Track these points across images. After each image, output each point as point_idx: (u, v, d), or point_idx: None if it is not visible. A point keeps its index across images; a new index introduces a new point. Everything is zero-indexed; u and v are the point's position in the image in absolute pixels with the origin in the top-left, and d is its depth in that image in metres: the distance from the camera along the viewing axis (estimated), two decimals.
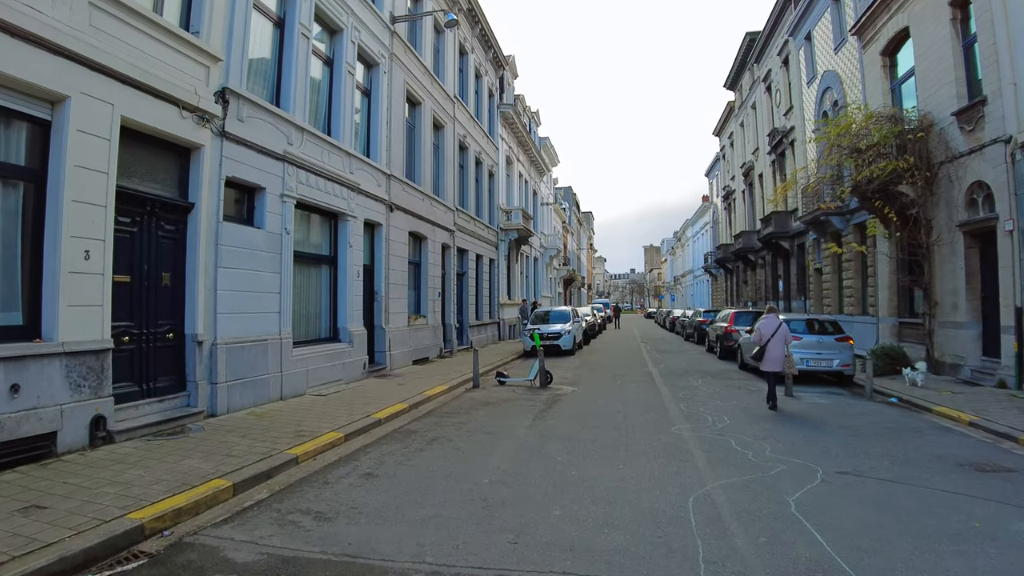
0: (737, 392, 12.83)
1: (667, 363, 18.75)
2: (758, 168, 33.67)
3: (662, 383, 14.02)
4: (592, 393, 12.45)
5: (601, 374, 15.86)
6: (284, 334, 11.10)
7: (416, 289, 18.12)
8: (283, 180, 11.25)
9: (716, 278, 49.22)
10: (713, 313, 29.21)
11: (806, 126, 25.02)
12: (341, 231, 13.54)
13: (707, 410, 10.53)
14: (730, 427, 9.16)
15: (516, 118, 30.68)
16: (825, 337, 14.40)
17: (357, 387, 12.61)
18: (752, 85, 34.58)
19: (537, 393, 12.43)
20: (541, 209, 40.82)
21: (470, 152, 23.44)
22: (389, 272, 15.53)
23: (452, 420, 9.71)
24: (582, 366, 17.94)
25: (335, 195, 13.02)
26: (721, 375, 15.74)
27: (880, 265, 18.29)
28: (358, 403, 10.77)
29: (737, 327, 19.93)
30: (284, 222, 11.24)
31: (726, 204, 44.19)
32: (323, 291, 13.22)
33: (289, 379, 11.14)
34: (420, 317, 17.73)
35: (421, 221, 17.81)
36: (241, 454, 7.24)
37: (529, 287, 36.12)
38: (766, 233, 28.34)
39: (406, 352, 16.42)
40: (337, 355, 12.85)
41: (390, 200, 15.69)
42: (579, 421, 9.53)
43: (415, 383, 13.31)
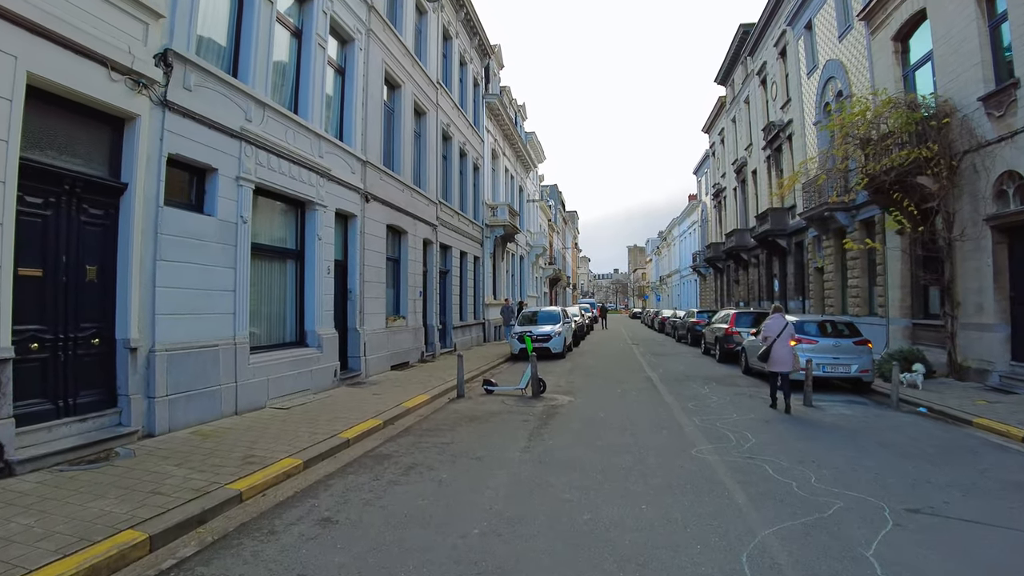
0: (750, 401, 11.58)
1: (665, 367, 17.49)
2: (751, 164, 32.59)
3: (666, 391, 12.73)
4: (591, 404, 11.11)
5: (597, 380, 14.53)
6: (240, 338, 9.64)
7: (395, 288, 16.70)
8: (240, 161, 9.79)
9: (705, 278, 48.20)
10: (707, 314, 28.07)
11: (805, 119, 23.96)
12: (309, 222, 12.09)
13: (724, 425, 9.23)
14: (758, 447, 7.87)
15: (502, 110, 29.32)
16: (842, 340, 13.20)
17: (326, 398, 11.17)
18: (745, 79, 33.50)
19: (530, 404, 11.07)
20: (527, 206, 39.49)
21: (454, 142, 22.04)
22: (364, 269, 14.09)
23: (433, 440, 8.30)
24: (575, 371, 16.61)
25: (302, 181, 11.58)
26: (726, 381, 14.50)
27: (891, 262, 17.17)
28: (325, 418, 9.34)
29: (738, 329, 18.74)
30: (240, 209, 9.78)
31: (716, 202, 43.16)
32: (288, 289, 11.76)
33: (246, 390, 9.68)
34: (399, 318, 16.30)
35: (400, 213, 16.39)
36: (171, 490, 5.81)
37: (515, 286, 34.76)
38: (762, 231, 27.23)
39: (383, 357, 14.99)
40: (304, 361, 11.40)
41: (365, 189, 14.25)
42: (582, 441, 8.17)
43: (392, 393, 11.90)
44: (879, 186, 14.79)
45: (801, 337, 13.19)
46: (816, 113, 22.54)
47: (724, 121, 39.50)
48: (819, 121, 22.28)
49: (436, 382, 13.43)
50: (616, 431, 8.75)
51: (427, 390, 12.21)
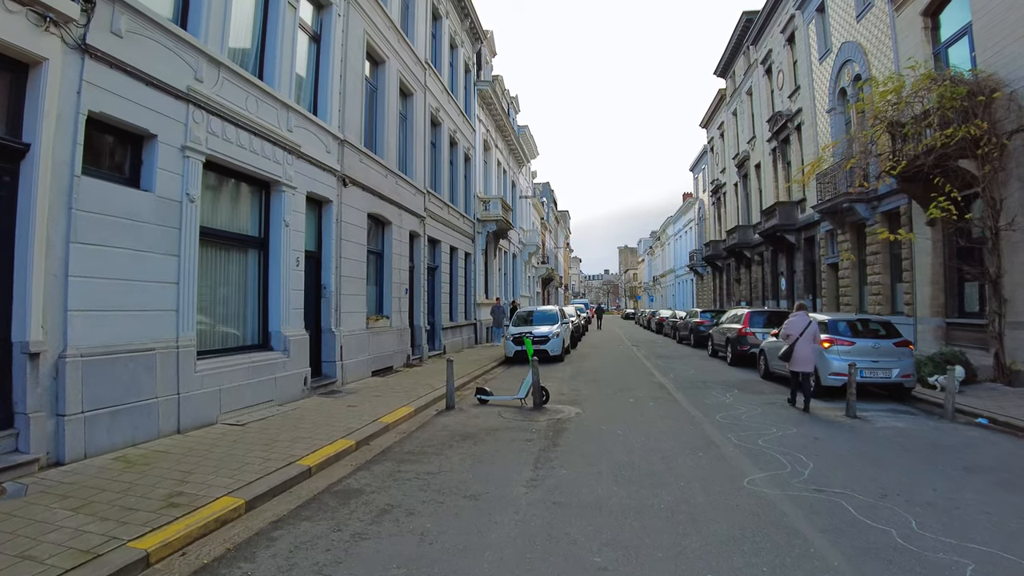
0: (785, 412, 10.04)
1: (675, 371, 15.93)
2: (755, 158, 31.19)
3: (685, 400, 11.17)
4: (604, 417, 9.50)
5: (605, 387, 12.94)
6: (184, 341, 7.99)
7: (378, 284, 15.05)
8: (186, 128, 8.15)
9: (703, 277, 46.79)
10: (711, 313, 26.61)
11: (816, 107, 22.54)
12: (275, 205, 10.45)
13: (768, 443, 7.68)
14: (820, 474, 6.32)
15: (495, 99, 27.74)
16: (881, 342, 11.69)
17: (292, 411, 9.52)
18: (748, 69, 32.09)
19: (531, 418, 9.46)
20: (520, 202, 37.90)
21: (443, 129, 20.41)
22: (341, 262, 12.46)
23: (416, 468, 6.67)
24: (577, 376, 15.02)
25: (265, 156, 9.93)
26: (747, 387, 12.97)
27: (920, 256, 15.72)
28: (285, 438, 7.71)
29: (753, 329, 17.24)
30: (186, 185, 8.13)
31: (715, 199, 41.76)
32: (249, 283, 10.11)
33: (191, 404, 8.03)
34: (382, 318, 14.65)
35: (384, 201, 14.75)
36: (48, 552, 4.20)
37: (507, 285, 33.15)
38: (769, 226, 25.78)
39: (363, 361, 13.34)
40: (266, 367, 9.74)
41: (343, 171, 12.62)
42: (603, 468, 6.57)
43: (371, 404, 10.27)
44: (916, 171, 13.31)
45: (835, 338, 11.74)
46: (830, 100, 21.12)
47: (724, 115, 38.10)
48: (833, 108, 20.91)
49: (423, 390, 11.81)
50: (642, 454, 7.15)
51: (411, 400, 10.59)
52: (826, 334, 11.95)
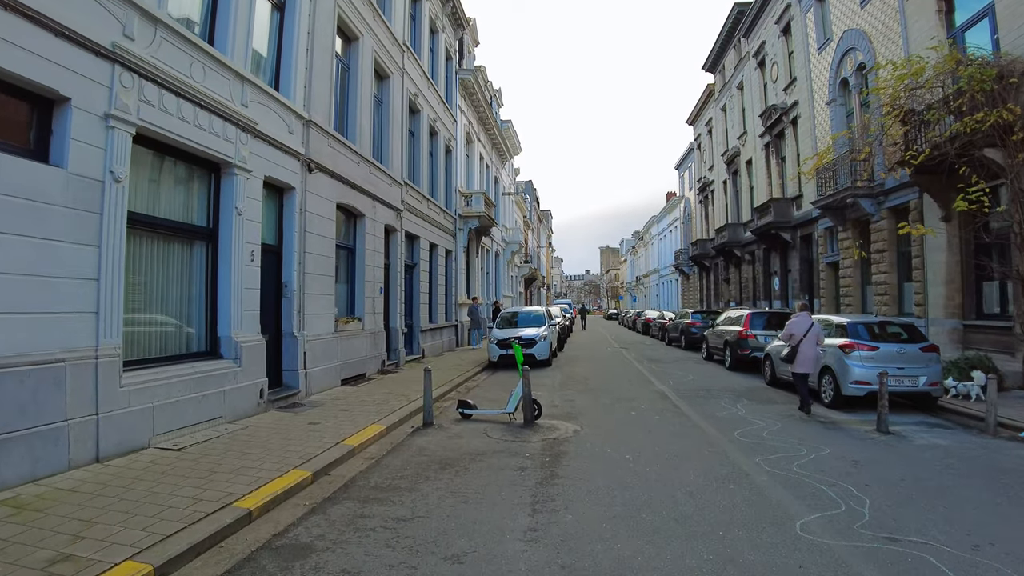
0: (806, 426, 8.89)
1: (672, 377, 14.73)
2: (745, 154, 30.21)
3: (693, 412, 9.95)
4: (606, 436, 8.21)
5: (600, 397, 11.69)
6: (106, 349, 6.59)
7: (349, 283, 13.67)
8: (112, 93, 6.75)
9: (688, 277, 45.82)
10: (702, 314, 25.53)
11: (814, 99, 21.53)
12: (226, 191, 9.05)
13: (805, 470, 6.48)
14: (884, 513, 5.16)
15: (478, 90, 26.42)
16: (907, 347, 10.58)
17: (243, 431, 8.14)
18: (739, 63, 31.10)
19: (522, 437, 8.15)
20: (503, 199, 36.60)
21: (423, 117, 19.06)
22: (306, 257, 11.08)
23: (384, 512, 5.32)
24: (568, 383, 13.75)
25: (214, 133, 8.55)
26: (755, 395, 11.82)
27: (933, 254, 14.71)
28: (227, 467, 6.35)
29: (754, 332, 16.12)
30: (110, 161, 6.73)
31: (702, 197, 40.80)
32: (194, 281, 8.71)
33: (115, 425, 6.63)
34: (353, 320, 13.27)
35: (356, 191, 13.37)
36: None
37: (490, 285, 31.83)
38: (762, 223, 24.74)
39: (331, 369, 11.96)
40: (213, 379, 8.35)
41: (308, 156, 11.25)
42: (617, 510, 5.29)
43: (336, 420, 8.91)
44: (939, 161, 12.23)
45: (856, 343, 10.61)
46: (830, 91, 20.10)
47: (712, 110, 37.11)
48: (834, 100, 19.88)
49: (397, 402, 10.47)
50: (661, 488, 5.89)
51: (384, 416, 9.25)
52: (844, 338, 10.84)
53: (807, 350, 10.41)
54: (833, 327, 11.44)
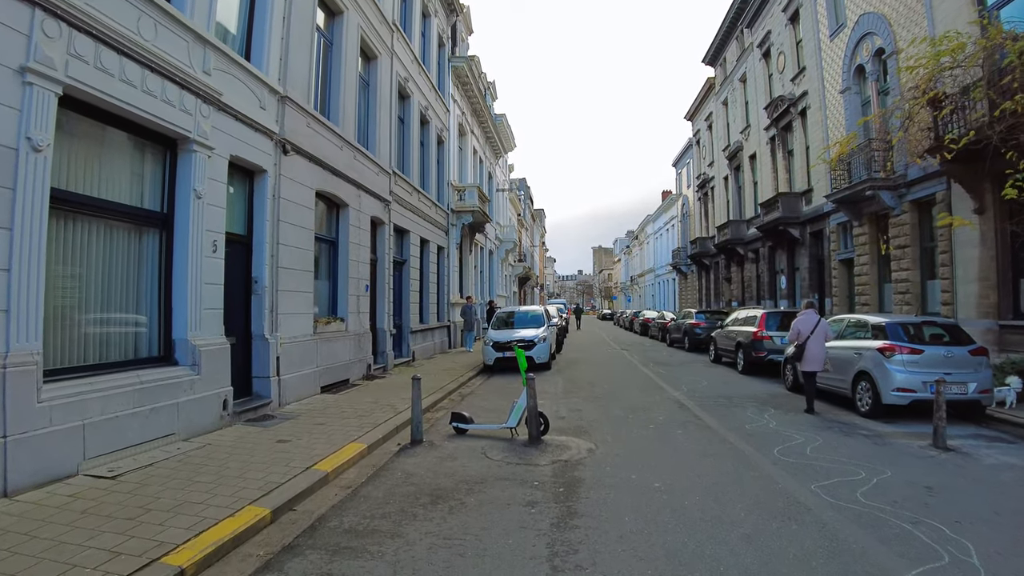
0: (857, 443, 7.71)
1: (685, 382, 13.55)
2: (749, 148, 29.12)
3: (719, 425, 8.76)
4: (627, 457, 6.95)
5: (610, 406, 10.49)
6: (18, 356, 5.34)
7: (331, 279, 12.43)
8: (30, 42, 5.52)
9: (686, 276, 44.71)
10: (708, 315, 24.46)
11: (826, 88, 20.44)
12: (183, 170, 7.81)
13: (875, 500, 5.33)
14: (1002, 568, 3.98)
15: (471, 79, 25.20)
16: (954, 350, 9.45)
17: (197, 451, 6.90)
18: (742, 54, 30.01)
19: (528, 458, 6.92)
20: (497, 196, 35.39)
21: (413, 103, 17.82)
22: (279, 249, 9.85)
23: (357, 571, 4.10)
24: (573, 390, 12.55)
25: (168, 102, 7.31)
26: (782, 404, 10.67)
27: (964, 249, 13.62)
28: (166, 503, 5.11)
29: (770, 333, 14.99)
30: (26, 125, 5.49)
31: (701, 194, 39.70)
32: (143, 274, 7.46)
33: (29, 450, 5.38)
34: (335, 320, 12.03)
35: (338, 179, 12.14)
36: None
37: (483, 283, 30.59)
38: (770, 219, 23.63)
39: (309, 375, 10.72)
40: (164, 390, 7.10)
41: (283, 135, 10.02)
42: (659, 567, 4.07)
43: (310, 437, 7.68)
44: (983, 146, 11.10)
45: (899, 345, 9.48)
46: (844, 79, 19.00)
47: (712, 105, 36.02)
48: (848, 88, 18.79)
49: (383, 413, 9.24)
50: (707, 529, 4.68)
51: (366, 430, 8.03)
52: (882, 340, 9.70)
53: (814, 348, 10.20)
54: (868, 328, 10.31)
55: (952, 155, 11.84)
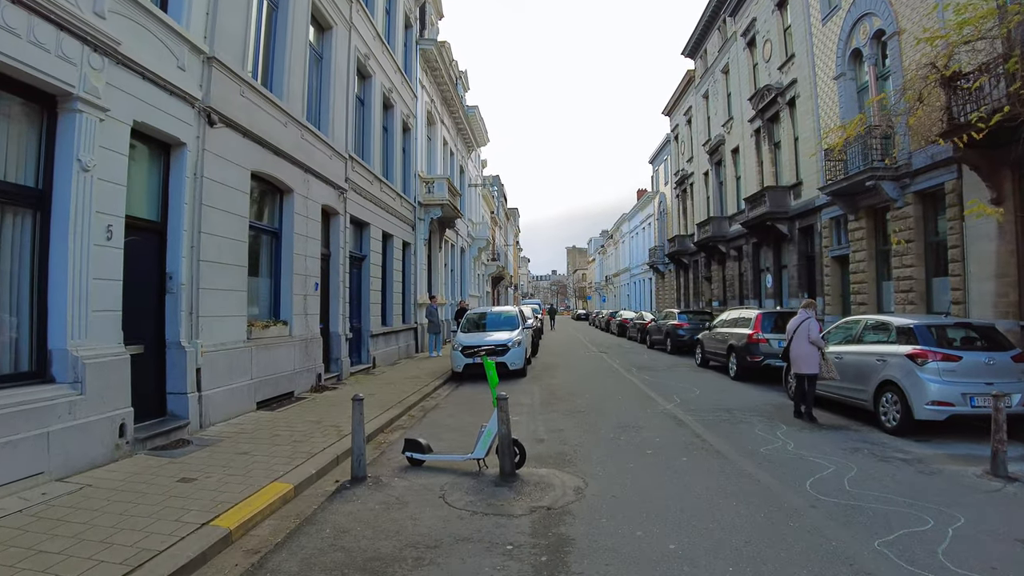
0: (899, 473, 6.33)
1: (675, 391, 12.14)
2: (731, 142, 27.97)
3: (730, 448, 7.31)
4: (627, 500, 5.41)
5: (597, 423, 8.99)
6: None
7: (273, 276, 10.78)
8: None
9: (663, 275, 43.56)
10: (691, 315, 23.22)
11: (817, 76, 19.27)
12: (63, 135, 6.14)
13: (965, 563, 3.91)
14: None
15: (441, 66, 23.60)
16: (996, 356, 8.17)
17: (69, 496, 5.25)
18: (724, 44, 28.85)
19: (500, 505, 5.35)
20: (468, 191, 33.79)
21: (375, 84, 16.19)
22: (202, 239, 8.20)
23: None
24: (552, 402, 11.06)
25: (40, 45, 5.64)
26: (789, 418, 9.31)
27: (978, 244, 12.47)
28: None
29: (767, 335, 13.69)
30: None
31: (679, 191, 38.54)
32: (9, 267, 5.81)
33: None
34: (276, 324, 10.38)
35: (282, 160, 10.51)
36: None
37: (455, 283, 28.95)
38: (756, 215, 22.41)
39: (242, 389, 9.07)
40: (24, 416, 5.41)
41: (208, 103, 8.37)
42: None
43: (225, 472, 6.07)
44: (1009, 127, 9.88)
45: (931, 351, 8.16)
46: (838, 65, 17.82)
47: (692, 98, 34.86)
48: (843, 74, 17.61)
49: (324, 437, 7.66)
50: None
51: (297, 463, 6.43)
52: (912, 345, 8.39)
53: (796, 348, 9.54)
54: (892, 331, 8.98)
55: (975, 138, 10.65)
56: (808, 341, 9.43)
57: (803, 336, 9.47)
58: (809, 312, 9.72)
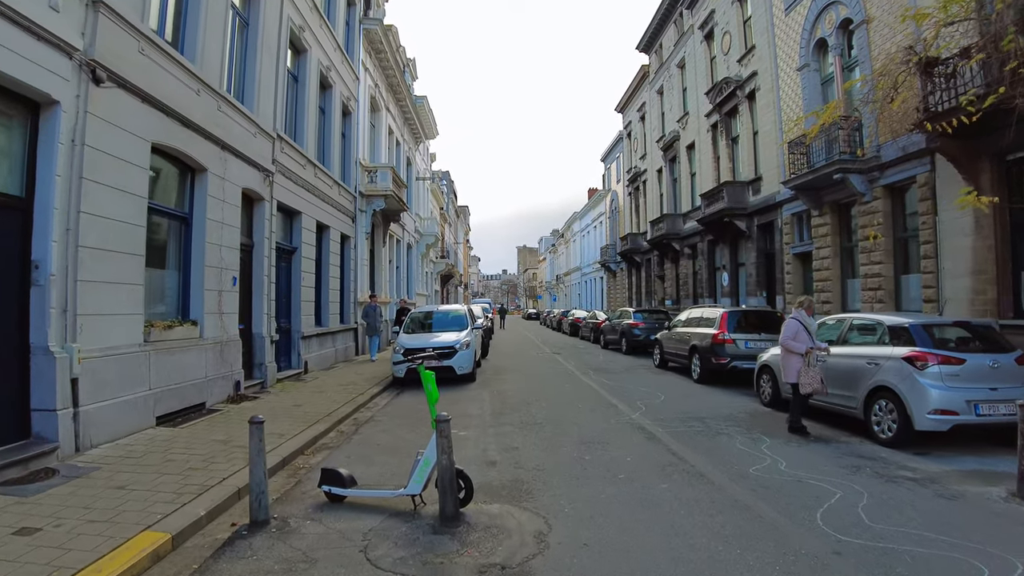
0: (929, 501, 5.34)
1: (637, 396, 11.12)
2: (687, 137, 27.33)
3: (713, 468, 6.24)
4: (604, 553, 4.18)
5: (557, 438, 7.80)
6: None
7: (181, 269, 9.24)
8: None
9: (615, 274, 42.91)
10: (647, 314, 22.39)
11: (779, 68, 18.65)
12: None
13: None
14: None
15: (387, 49, 22.15)
16: (1000, 358, 7.35)
17: None
18: (680, 38, 28.20)
19: (439, 565, 4.05)
20: (416, 185, 32.30)
21: (310, 60, 14.69)
22: (82, 221, 6.66)
23: None
24: (504, 411, 9.84)
25: None
26: (768, 426, 8.39)
27: (953, 239, 11.89)
28: None
29: (732, 335, 12.80)
30: None
31: (631, 189, 37.89)
32: None
33: None
34: (184, 324, 8.86)
35: (192, 132, 8.99)
36: None
37: (400, 280, 27.42)
38: (713, 211, 21.71)
39: (136, 403, 7.55)
40: None
41: (93, 56, 6.85)
42: None
43: (85, 517, 4.65)
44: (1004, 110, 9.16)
45: (931, 353, 7.31)
46: (802, 56, 17.18)
47: (646, 94, 34.19)
48: (807, 64, 16.97)
49: (227, 463, 6.24)
50: None
51: (185, 500, 5.04)
52: (908, 346, 7.51)
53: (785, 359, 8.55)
54: (884, 331, 8.11)
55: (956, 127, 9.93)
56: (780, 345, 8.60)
57: (787, 338, 8.43)
58: (798, 312, 8.56)
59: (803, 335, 8.25)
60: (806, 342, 8.20)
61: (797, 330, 8.30)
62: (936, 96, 10.97)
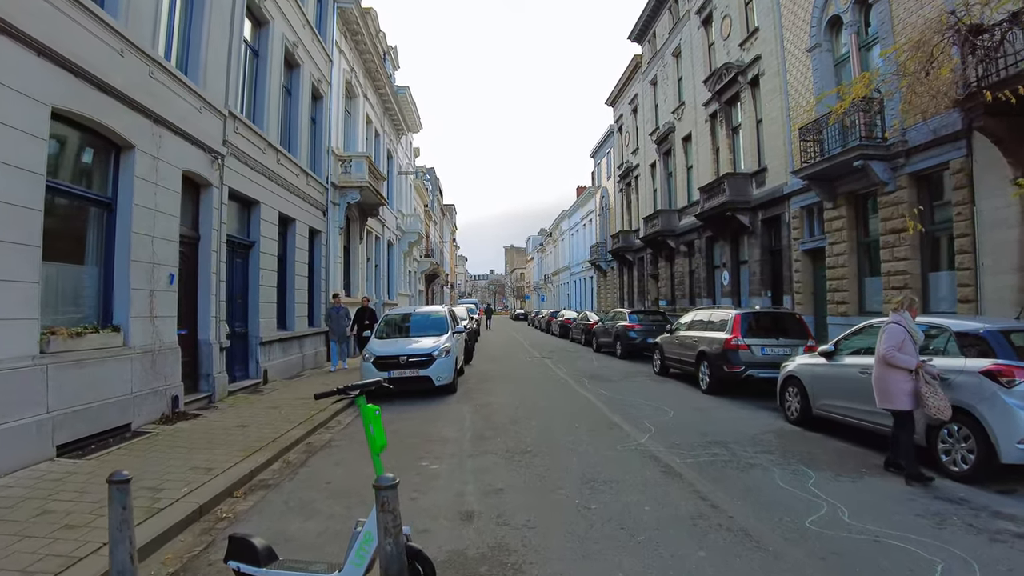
0: None
1: (643, 412, 9.69)
2: (683, 129, 26.01)
3: (766, 529, 4.81)
4: None
5: (550, 475, 6.32)
6: None
7: (101, 264, 7.68)
8: None
9: (606, 274, 41.57)
10: (643, 315, 21.02)
11: (786, 50, 17.34)
12: None
13: None
14: None
15: (365, 32, 20.61)
16: None
17: None
18: (675, 25, 26.84)
19: None
20: (398, 180, 30.73)
21: (274, 34, 13.14)
22: None
23: None
24: (486, 435, 8.34)
25: None
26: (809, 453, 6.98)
27: (991, 232, 10.68)
28: None
29: (747, 340, 11.41)
30: None
31: (623, 185, 36.54)
32: None
33: None
34: (102, 330, 7.31)
35: (111, 99, 7.44)
36: None
37: (379, 279, 25.80)
38: (714, 205, 20.35)
39: (27, 429, 5.98)
40: None
41: None
42: None
43: None
44: None
45: (1017, 367, 5.90)
46: (812, 36, 15.87)
47: (639, 85, 32.82)
48: (818, 45, 15.65)
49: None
50: None
51: None
52: (986, 358, 6.11)
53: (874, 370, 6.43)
54: (948, 338, 6.72)
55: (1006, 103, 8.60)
56: (881, 359, 6.25)
57: (883, 350, 6.22)
58: (901, 314, 6.33)
59: (909, 345, 6.17)
60: (913, 354, 6.14)
61: (903, 339, 6.17)
62: (980, 68, 9.69)
